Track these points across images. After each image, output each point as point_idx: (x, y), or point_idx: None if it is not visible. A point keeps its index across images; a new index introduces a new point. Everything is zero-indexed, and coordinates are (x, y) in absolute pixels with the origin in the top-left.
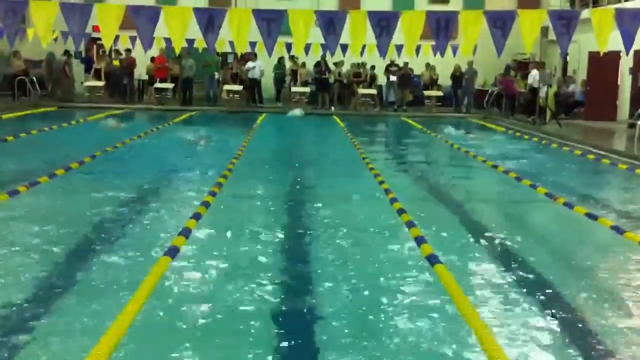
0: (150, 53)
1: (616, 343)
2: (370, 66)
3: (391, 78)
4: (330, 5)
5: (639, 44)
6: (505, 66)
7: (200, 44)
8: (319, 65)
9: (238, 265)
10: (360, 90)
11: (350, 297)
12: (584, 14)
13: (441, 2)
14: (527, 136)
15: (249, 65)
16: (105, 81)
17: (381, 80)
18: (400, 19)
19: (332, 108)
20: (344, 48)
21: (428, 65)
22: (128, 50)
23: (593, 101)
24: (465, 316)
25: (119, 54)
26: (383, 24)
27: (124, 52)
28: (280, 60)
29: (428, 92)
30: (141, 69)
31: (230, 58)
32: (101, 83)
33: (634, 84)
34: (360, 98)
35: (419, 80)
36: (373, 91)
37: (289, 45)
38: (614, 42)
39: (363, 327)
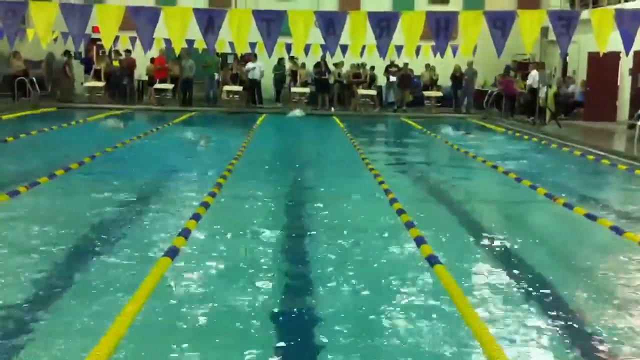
0: (150, 54)
1: (616, 343)
2: (370, 67)
3: (391, 79)
4: (330, 6)
5: (638, 45)
6: (505, 67)
7: (200, 45)
8: (318, 66)
9: (238, 266)
10: (360, 90)
11: (350, 298)
12: (584, 14)
13: (441, 3)
14: (527, 137)
15: (249, 66)
16: (105, 82)
17: (381, 81)
18: (400, 20)
19: (332, 109)
20: (344, 49)
21: (428, 65)
22: (128, 51)
23: (593, 102)
24: (464, 316)
25: (118, 55)
26: (383, 25)
27: (124, 53)
28: (280, 61)
29: (428, 93)
30: (141, 70)
31: (230, 59)
32: (101, 84)
33: (634, 85)
34: (360, 99)
35: (419, 80)
36: (373, 92)
37: (288, 46)
38: (614, 43)
39: (363, 328)
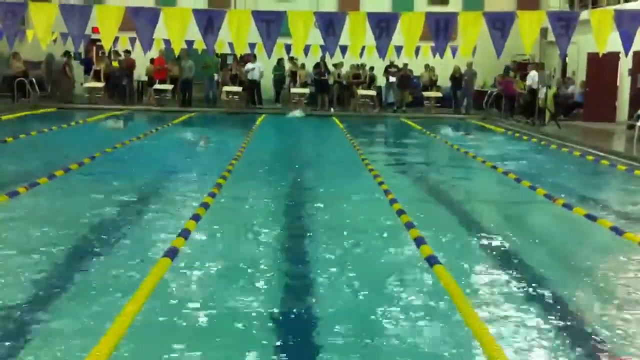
0: (150, 54)
1: (617, 343)
2: (370, 67)
3: (390, 79)
4: (330, 7)
5: (638, 45)
6: (505, 67)
7: (200, 45)
8: (318, 67)
9: (237, 266)
10: (360, 91)
11: (350, 298)
12: (583, 15)
13: (440, 4)
14: (527, 137)
15: (249, 66)
16: (105, 82)
17: (380, 82)
18: (399, 20)
19: (332, 109)
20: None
21: (427, 66)
22: (127, 51)
23: (592, 102)
24: (464, 317)
25: (118, 55)
26: (382, 25)
27: (123, 54)
28: (280, 61)
29: (427, 93)
30: (140, 70)
31: (229, 59)
32: (101, 84)
33: (633, 85)
34: (360, 99)
35: (419, 81)
36: (372, 92)
37: (288, 47)
38: (613, 43)
39: (363, 328)
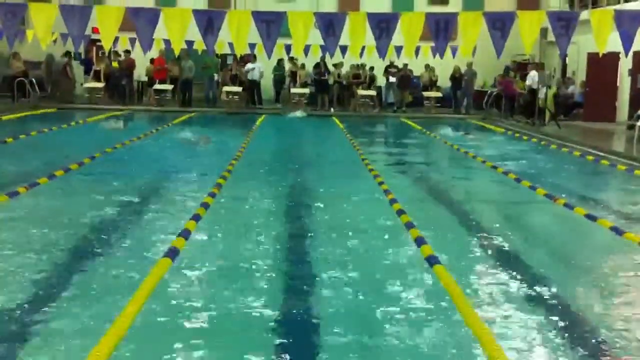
0: (150, 54)
1: (617, 343)
2: (370, 67)
3: (390, 79)
4: (330, 7)
5: (638, 45)
6: (505, 67)
7: (200, 46)
8: (318, 67)
9: (238, 266)
10: (360, 91)
11: (350, 298)
12: (583, 15)
13: (440, 4)
14: (527, 137)
15: (249, 66)
16: (105, 83)
17: (380, 82)
18: (399, 21)
19: (332, 109)
20: (344, 49)
21: (427, 66)
22: (127, 51)
23: (592, 102)
24: (465, 317)
25: (117, 56)
26: (382, 26)
27: (123, 54)
28: (280, 61)
29: (427, 93)
30: (140, 71)
31: (229, 59)
32: (101, 84)
33: (633, 85)
34: (360, 99)
35: (419, 81)
36: (372, 92)
37: (288, 47)
38: (613, 44)
39: (363, 328)
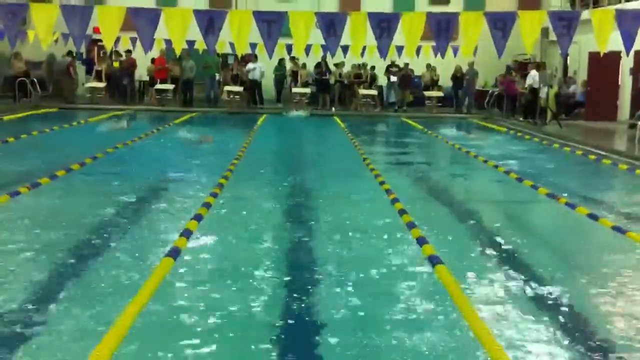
0: (151, 54)
1: (618, 343)
2: (371, 67)
3: (392, 79)
4: (331, 7)
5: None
6: (506, 67)
7: (201, 45)
8: (319, 67)
9: (239, 267)
10: (361, 91)
11: (351, 298)
12: (584, 14)
13: (441, 4)
14: (528, 137)
15: (250, 66)
16: (106, 82)
17: (382, 81)
18: (400, 21)
19: (333, 109)
20: (345, 49)
21: (429, 66)
22: (128, 51)
23: (594, 102)
24: (466, 316)
25: (119, 56)
26: (383, 26)
27: (124, 54)
28: (281, 61)
29: (429, 93)
30: (142, 70)
31: (230, 59)
32: (102, 84)
33: (635, 85)
34: (361, 99)
35: (420, 81)
36: (374, 92)
37: (289, 47)
38: (615, 43)
39: (364, 328)
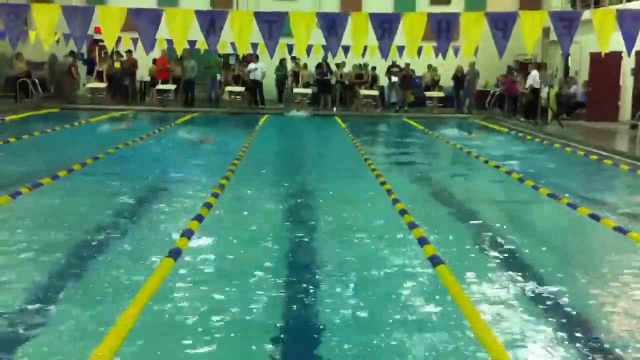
0: (152, 54)
1: (620, 343)
2: (372, 67)
3: (393, 79)
4: (332, 7)
5: None
6: (508, 67)
7: (202, 46)
8: (320, 67)
9: (240, 267)
10: (362, 91)
11: (352, 298)
12: (585, 14)
13: (442, 4)
14: (530, 137)
15: (251, 66)
16: (108, 83)
17: (383, 81)
18: (401, 21)
19: (334, 109)
20: (346, 49)
21: (430, 66)
22: (129, 51)
23: (595, 102)
24: (467, 317)
25: (120, 56)
26: (385, 26)
27: (125, 54)
28: (282, 61)
29: (429, 93)
30: (143, 71)
31: (232, 59)
32: (103, 85)
33: (636, 85)
34: (362, 99)
35: (421, 81)
36: (375, 92)
37: (290, 47)
38: (616, 43)
39: (364, 328)
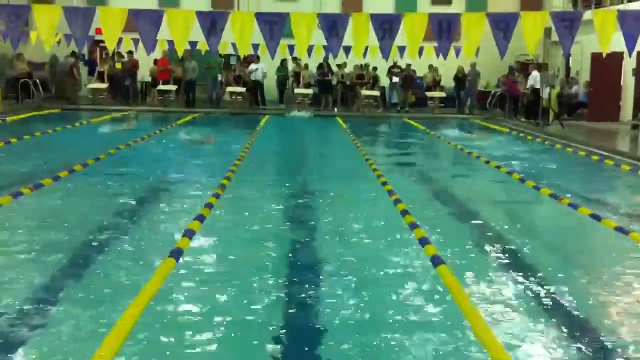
0: (154, 55)
1: (621, 343)
2: (373, 67)
3: (394, 79)
4: (333, 8)
5: None
6: (509, 67)
7: (203, 46)
8: (321, 67)
9: (241, 267)
10: (363, 91)
11: (353, 299)
12: (587, 15)
13: (443, 4)
14: (531, 137)
15: (252, 67)
16: (108, 83)
17: (384, 82)
18: (402, 21)
19: (335, 109)
20: (347, 50)
21: (431, 66)
22: (130, 52)
23: (596, 102)
24: (468, 317)
25: (121, 57)
26: (385, 27)
27: (126, 55)
28: (283, 62)
29: (431, 93)
30: (144, 71)
31: (233, 60)
32: (104, 85)
33: (637, 85)
34: (363, 99)
35: (422, 81)
36: (376, 93)
37: (291, 47)
38: (617, 43)
39: (365, 328)
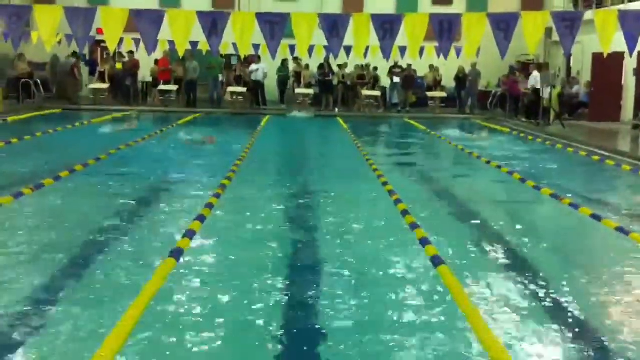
0: (154, 55)
1: (622, 343)
2: (374, 67)
3: (395, 80)
4: (334, 8)
5: None
6: (510, 67)
7: (204, 47)
8: (322, 67)
9: (241, 267)
10: (364, 92)
11: (353, 299)
12: (588, 15)
13: (444, 4)
14: (532, 137)
15: (253, 67)
16: (109, 83)
17: (385, 82)
18: (403, 22)
19: (336, 110)
20: (348, 50)
21: (432, 66)
22: (131, 52)
23: (597, 102)
24: (468, 317)
25: (122, 57)
26: (386, 27)
27: (127, 55)
28: (284, 62)
29: (432, 94)
30: (145, 71)
31: (234, 60)
32: (105, 85)
33: (638, 85)
34: (364, 100)
35: (423, 81)
36: (377, 93)
37: (292, 48)
38: (618, 43)
39: (366, 329)
